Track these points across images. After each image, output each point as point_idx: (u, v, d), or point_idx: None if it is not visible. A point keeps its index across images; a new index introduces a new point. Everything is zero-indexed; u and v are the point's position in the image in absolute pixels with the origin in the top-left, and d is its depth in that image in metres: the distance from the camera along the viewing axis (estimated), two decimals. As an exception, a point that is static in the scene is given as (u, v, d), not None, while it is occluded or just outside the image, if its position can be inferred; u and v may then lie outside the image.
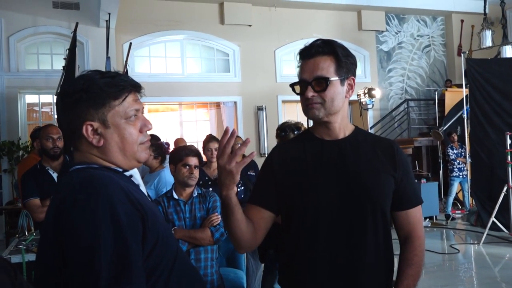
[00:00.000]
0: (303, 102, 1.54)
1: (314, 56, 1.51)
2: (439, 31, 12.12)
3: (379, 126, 10.84)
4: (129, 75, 7.97)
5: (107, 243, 1.03)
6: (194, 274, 1.27)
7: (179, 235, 2.87)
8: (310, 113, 1.51)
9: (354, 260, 1.46)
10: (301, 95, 1.53)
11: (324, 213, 1.47)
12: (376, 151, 1.55)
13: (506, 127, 6.82)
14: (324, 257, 1.46)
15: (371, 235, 1.48)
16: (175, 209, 2.97)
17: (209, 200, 3.04)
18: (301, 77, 1.52)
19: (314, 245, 1.48)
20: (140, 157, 1.24)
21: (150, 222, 1.12)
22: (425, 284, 4.71)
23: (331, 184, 1.48)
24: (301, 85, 1.52)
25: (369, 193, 1.48)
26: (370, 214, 1.49)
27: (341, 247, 1.46)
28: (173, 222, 2.93)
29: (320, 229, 1.47)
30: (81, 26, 7.91)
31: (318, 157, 1.52)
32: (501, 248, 6.00)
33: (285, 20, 10.29)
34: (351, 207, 1.47)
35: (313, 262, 1.47)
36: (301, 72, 1.53)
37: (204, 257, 2.95)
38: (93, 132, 1.18)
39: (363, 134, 1.62)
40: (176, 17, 9.57)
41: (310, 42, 1.55)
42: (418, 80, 11.81)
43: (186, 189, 3.01)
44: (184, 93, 9.62)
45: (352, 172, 1.49)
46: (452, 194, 8.33)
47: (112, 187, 1.10)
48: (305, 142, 1.57)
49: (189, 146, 3.29)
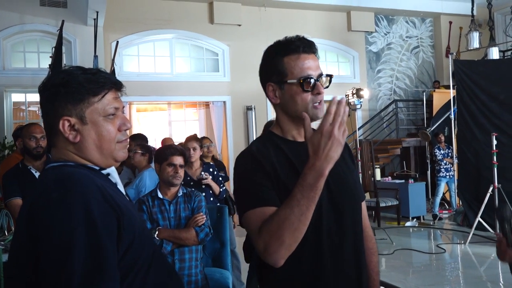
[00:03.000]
0: (310, 101, 1.39)
1: (314, 52, 1.43)
2: (428, 32, 12.21)
3: (367, 126, 10.89)
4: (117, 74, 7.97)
5: (80, 242, 1.01)
6: (172, 274, 1.26)
7: (163, 235, 2.85)
8: (318, 113, 1.39)
9: (357, 261, 1.46)
10: (306, 93, 1.38)
11: (324, 216, 1.38)
12: None
13: (492, 128, 6.88)
14: (330, 265, 1.39)
15: (361, 233, 1.50)
16: (160, 209, 2.95)
17: (194, 200, 3.03)
18: (308, 73, 1.38)
19: (319, 255, 1.37)
20: (117, 155, 1.22)
21: (126, 221, 1.11)
22: (412, 284, 4.74)
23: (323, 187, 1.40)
24: (309, 82, 1.38)
25: (352, 192, 1.48)
26: (358, 213, 1.51)
27: (347, 254, 1.42)
28: (157, 221, 2.91)
29: (323, 237, 1.38)
30: (68, 25, 7.84)
31: (301, 159, 1.39)
32: (487, 247, 6.04)
33: (274, 20, 10.29)
34: (344, 208, 1.44)
35: (319, 273, 1.38)
36: (305, 67, 1.39)
37: (189, 257, 2.94)
38: (70, 127, 1.17)
39: None
40: (165, 16, 9.53)
41: (299, 36, 1.44)
42: (407, 81, 11.89)
43: (171, 188, 3.00)
44: (173, 92, 9.59)
45: (335, 172, 1.41)
46: (439, 194, 8.39)
47: (87, 185, 1.09)
48: (281, 145, 1.44)
49: (174, 146, 3.28)
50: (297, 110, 1.40)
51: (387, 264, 5.59)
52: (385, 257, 5.80)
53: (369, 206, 7.88)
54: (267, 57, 1.46)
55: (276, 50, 1.43)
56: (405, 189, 8.15)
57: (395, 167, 10.91)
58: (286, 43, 1.43)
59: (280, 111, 1.47)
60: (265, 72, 1.46)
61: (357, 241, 1.48)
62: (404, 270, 5.34)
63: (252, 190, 1.35)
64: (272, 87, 1.44)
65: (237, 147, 9.66)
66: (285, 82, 1.41)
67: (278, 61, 1.42)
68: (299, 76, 1.39)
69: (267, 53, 1.47)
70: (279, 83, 1.42)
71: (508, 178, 6.54)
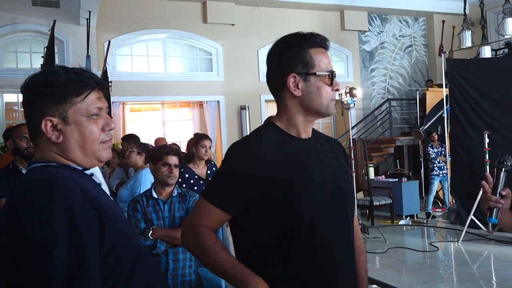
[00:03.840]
0: (329, 97, 1.41)
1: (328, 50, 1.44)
2: (421, 31, 12.26)
3: (361, 125, 10.92)
4: (110, 74, 7.94)
5: (62, 243, 1.01)
6: (157, 276, 1.25)
7: (157, 234, 2.85)
8: (334, 110, 1.43)
9: (349, 262, 1.47)
10: (330, 87, 1.40)
11: (320, 215, 1.37)
12: (333, 149, 1.52)
13: (485, 127, 6.91)
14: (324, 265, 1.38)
15: (352, 234, 1.51)
16: (154, 208, 2.95)
17: (188, 200, 3.03)
18: (332, 68, 1.40)
19: (314, 254, 1.36)
20: (101, 156, 1.21)
21: (108, 222, 1.10)
22: (406, 282, 4.75)
23: (319, 185, 1.39)
24: (332, 76, 1.40)
25: (348, 193, 1.48)
26: (351, 214, 1.51)
27: (340, 254, 1.42)
28: (151, 221, 2.90)
29: (317, 237, 1.36)
30: (61, 24, 7.81)
31: (302, 156, 1.40)
32: (480, 245, 6.08)
33: (268, 20, 10.30)
34: (339, 208, 1.43)
35: (312, 272, 1.37)
36: (328, 62, 1.40)
37: (183, 257, 2.93)
38: (53, 128, 1.16)
39: (316, 132, 1.53)
40: (158, 15, 9.51)
41: (316, 33, 1.43)
42: (400, 80, 11.93)
43: (166, 188, 3.00)
44: (166, 92, 9.57)
45: (332, 172, 1.44)
46: (432, 192, 8.42)
47: (70, 185, 1.08)
48: (281, 140, 1.41)
49: (169, 145, 3.28)
50: (321, 103, 1.39)
51: (380, 262, 5.60)
52: (379, 255, 5.81)
53: (362, 205, 7.91)
54: (291, 46, 1.39)
55: (302, 41, 1.38)
56: (399, 188, 8.17)
57: (389, 166, 10.95)
58: (311, 35, 1.39)
59: (297, 105, 1.41)
60: (287, 62, 1.39)
61: (350, 240, 1.49)
62: (397, 268, 5.35)
63: (225, 187, 1.38)
64: (295, 78, 1.39)
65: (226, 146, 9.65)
66: (313, 74, 1.37)
67: (304, 52, 1.38)
68: (326, 69, 1.38)
69: (289, 43, 1.40)
70: (305, 75, 1.38)
71: (500, 176, 6.57)
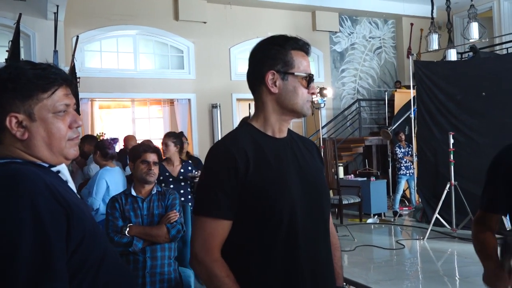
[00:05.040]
0: (306, 97, 1.45)
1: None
2: (390, 33, 12.50)
3: (331, 125, 11.05)
4: (78, 69, 7.76)
5: (27, 241, 0.99)
6: (124, 274, 1.24)
7: (134, 231, 2.84)
8: (309, 111, 1.47)
9: (327, 258, 1.49)
10: (305, 89, 1.44)
11: (299, 214, 1.39)
12: (308, 148, 1.55)
13: (450, 127, 7.10)
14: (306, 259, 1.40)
15: (329, 232, 1.53)
16: (133, 206, 2.94)
17: (168, 198, 3.02)
18: (310, 72, 1.46)
19: (294, 253, 1.37)
20: (68, 153, 1.19)
21: (75, 220, 1.08)
22: (372, 279, 4.83)
23: (296, 184, 1.41)
24: (309, 80, 1.45)
25: (323, 191, 1.50)
26: (327, 212, 1.53)
27: (320, 251, 1.44)
28: (129, 219, 2.89)
29: (299, 233, 1.38)
30: (27, 18, 7.59)
31: (278, 156, 1.42)
32: (444, 243, 6.26)
33: (240, 18, 10.29)
34: (316, 207, 1.45)
35: (293, 269, 1.38)
36: (307, 66, 1.47)
37: (161, 255, 2.92)
38: (18, 124, 1.13)
39: (291, 132, 1.56)
40: (129, 11, 9.36)
41: (298, 36, 1.49)
42: (370, 81, 12.13)
43: (145, 186, 2.99)
44: (136, 89, 9.44)
45: (308, 172, 1.46)
46: (399, 191, 8.60)
47: (35, 182, 1.05)
48: (258, 139, 1.43)
49: (147, 143, 3.27)
50: (297, 102, 1.43)
51: (349, 260, 5.69)
52: (347, 253, 5.90)
53: (332, 204, 8.00)
54: (273, 45, 1.45)
55: (284, 41, 1.44)
56: (367, 187, 8.32)
57: (358, 165, 11.12)
58: (294, 38, 1.46)
59: (273, 102, 1.45)
60: (268, 59, 1.43)
61: (328, 237, 1.51)
62: (365, 266, 5.44)
63: (213, 194, 1.36)
64: (274, 75, 1.43)
65: (202, 145, 9.61)
66: (291, 74, 1.43)
67: (286, 52, 1.43)
68: (305, 71, 1.44)
69: (272, 42, 1.46)
70: (283, 73, 1.43)
71: (464, 176, 6.76)
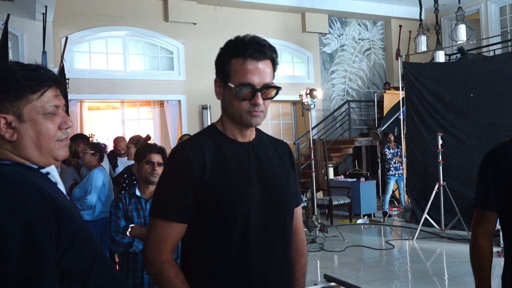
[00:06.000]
0: (244, 108, 1.37)
1: (265, 59, 1.37)
2: (379, 35, 12.59)
3: (321, 126, 11.10)
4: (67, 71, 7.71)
5: (16, 244, 0.98)
6: (115, 276, 1.23)
7: (135, 232, 2.82)
8: (253, 121, 1.38)
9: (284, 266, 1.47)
10: (243, 101, 1.36)
11: (254, 220, 1.39)
12: (278, 152, 1.53)
13: (439, 128, 7.18)
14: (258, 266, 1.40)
15: (290, 238, 1.51)
16: (136, 207, 2.92)
17: None
18: (250, 81, 1.35)
19: (246, 258, 1.38)
20: (57, 154, 1.19)
21: (65, 221, 1.07)
22: (363, 279, 4.87)
23: (256, 189, 1.41)
24: (248, 90, 1.35)
25: (286, 196, 1.49)
26: (289, 219, 1.50)
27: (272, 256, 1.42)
28: (132, 219, 2.88)
29: (252, 239, 1.38)
30: (15, 19, 7.52)
31: (239, 160, 1.42)
32: (433, 243, 6.32)
33: (230, 20, 10.30)
34: (276, 213, 1.44)
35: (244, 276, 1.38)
36: (248, 74, 1.35)
37: None
38: (7, 125, 1.12)
39: (263, 135, 1.55)
40: (118, 12, 9.32)
41: (254, 39, 1.38)
42: (359, 82, 12.20)
43: (150, 186, 2.96)
44: (126, 90, 9.40)
45: (271, 177, 1.45)
46: (388, 192, 8.66)
47: (24, 184, 1.05)
48: (220, 142, 1.43)
49: (153, 144, 3.27)
50: (233, 113, 1.40)
51: (339, 260, 5.73)
52: (337, 254, 5.94)
53: (322, 204, 8.05)
54: (221, 52, 1.42)
55: (228, 49, 1.40)
56: (357, 188, 8.37)
57: (348, 166, 11.18)
58: (237, 43, 1.38)
59: (222, 109, 1.47)
60: (216, 66, 1.43)
61: (287, 243, 1.48)
62: (355, 266, 5.48)
63: (166, 196, 1.39)
64: (218, 83, 1.43)
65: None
66: (226, 84, 1.38)
67: (227, 60, 1.38)
68: (239, 82, 1.35)
69: (222, 48, 1.43)
70: (223, 82, 1.40)
71: (452, 176, 6.84)
